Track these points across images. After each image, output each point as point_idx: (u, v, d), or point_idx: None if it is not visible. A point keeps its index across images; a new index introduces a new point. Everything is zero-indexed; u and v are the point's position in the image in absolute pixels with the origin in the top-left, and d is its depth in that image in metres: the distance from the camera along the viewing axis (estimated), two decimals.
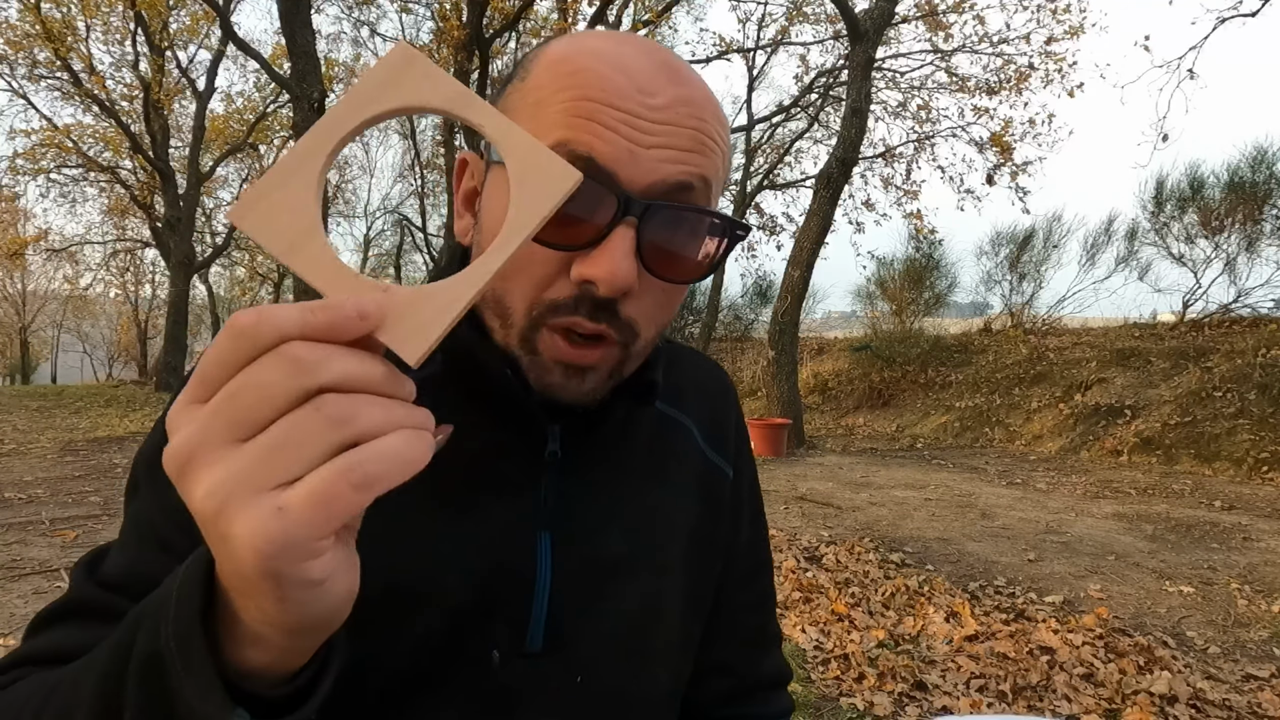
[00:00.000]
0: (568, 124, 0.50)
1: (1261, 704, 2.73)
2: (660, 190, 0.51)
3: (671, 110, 0.51)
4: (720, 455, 0.74)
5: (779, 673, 0.82)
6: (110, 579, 0.53)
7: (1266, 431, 7.63)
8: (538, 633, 0.58)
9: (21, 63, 15.83)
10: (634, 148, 0.49)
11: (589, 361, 0.54)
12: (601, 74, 0.50)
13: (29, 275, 29.79)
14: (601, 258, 0.49)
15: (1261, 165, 10.67)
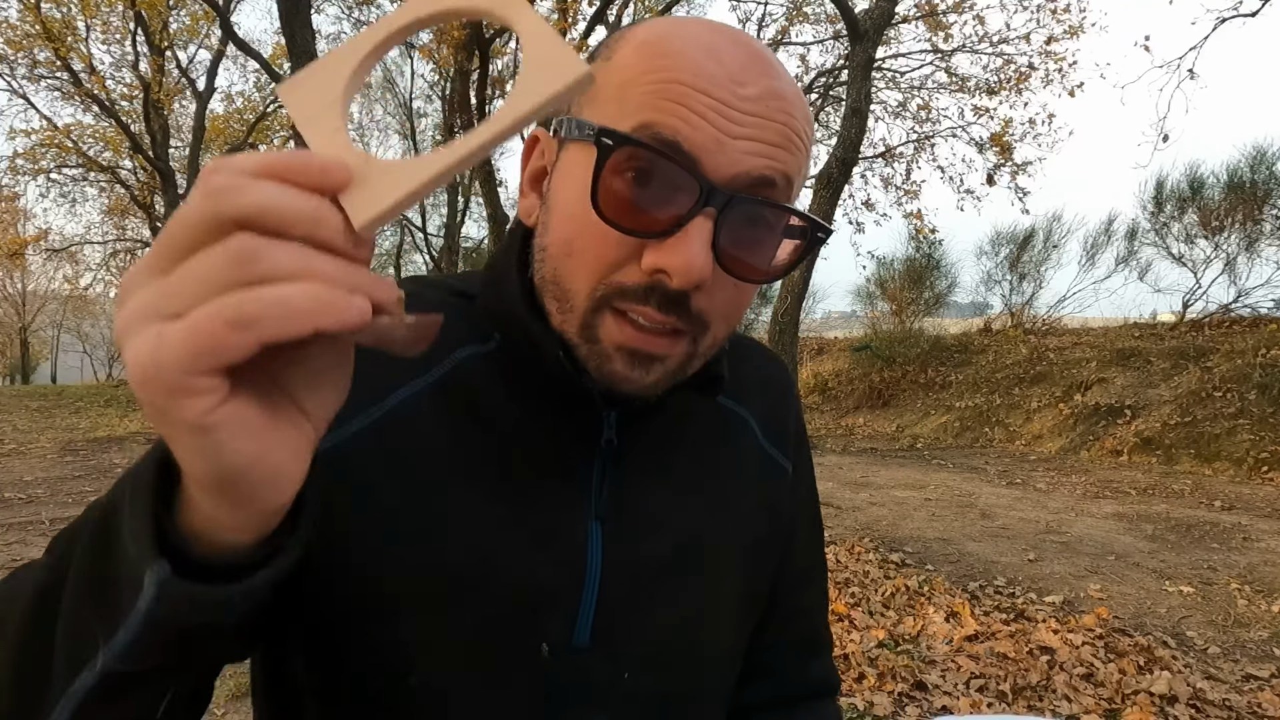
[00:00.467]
0: (655, 105, 0.48)
1: (1261, 704, 2.73)
2: (744, 183, 0.48)
3: (762, 103, 0.49)
4: (780, 451, 0.72)
5: (827, 680, 0.79)
6: None
7: (1266, 431, 7.63)
8: (585, 627, 0.56)
9: (21, 63, 15.83)
10: (721, 136, 0.47)
11: (657, 350, 0.51)
12: (693, 59, 0.48)
13: (29, 275, 29.80)
14: (679, 247, 0.47)
15: (1261, 165, 10.68)
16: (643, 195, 0.48)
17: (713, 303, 0.51)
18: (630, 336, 0.50)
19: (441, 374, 0.56)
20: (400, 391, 0.54)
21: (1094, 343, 11.05)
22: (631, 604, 0.58)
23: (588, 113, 0.51)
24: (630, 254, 0.49)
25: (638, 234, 0.48)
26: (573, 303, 0.51)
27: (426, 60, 14.78)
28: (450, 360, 0.57)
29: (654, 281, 0.48)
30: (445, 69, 13.84)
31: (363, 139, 27.45)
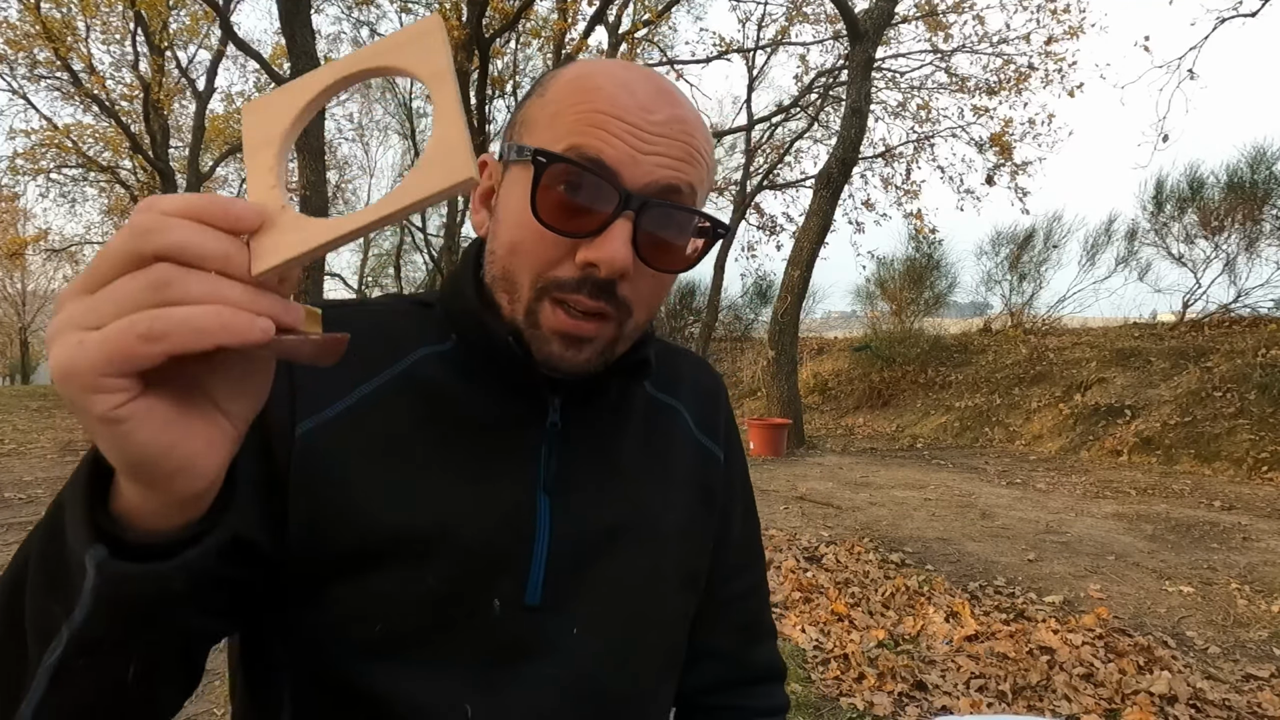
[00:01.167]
0: (580, 130, 0.58)
1: (1261, 704, 2.73)
2: (654, 190, 0.59)
3: (667, 126, 0.59)
4: (711, 440, 0.80)
5: (773, 665, 0.84)
6: None
7: (1266, 431, 7.63)
8: (536, 587, 0.62)
9: (21, 63, 15.83)
10: (635, 153, 0.58)
11: (586, 333, 0.61)
12: (610, 91, 0.59)
13: (29, 275, 29.80)
14: (604, 244, 0.57)
15: (1261, 165, 10.67)
16: (573, 203, 0.58)
17: (636, 291, 0.61)
18: (564, 322, 0.60)
19: (403, 368, 0.64)
20: (365, 386, 0.63)
21: (1094, 343, 11.05)
22: (577, 569, 0.65)
23: (527, 138, 0.62)
24: (565, 252, 0.59)
25: (570, 235, 0.58)
26: (519, 293, 0.61)
27: None
28: (411, 357, 0.65)
29: (585, 274, 0.58)
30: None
31: (362, 139, 27.45)
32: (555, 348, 0.61)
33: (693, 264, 0.63)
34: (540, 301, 0.60)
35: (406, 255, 27.39)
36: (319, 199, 9.68)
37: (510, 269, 0.61)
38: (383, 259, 28.85)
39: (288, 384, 0.59)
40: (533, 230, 0.58)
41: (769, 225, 17.94)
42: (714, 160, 0.66)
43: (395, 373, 0.64)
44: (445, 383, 0.65)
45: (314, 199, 9.59)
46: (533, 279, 0.60)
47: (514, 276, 0.61)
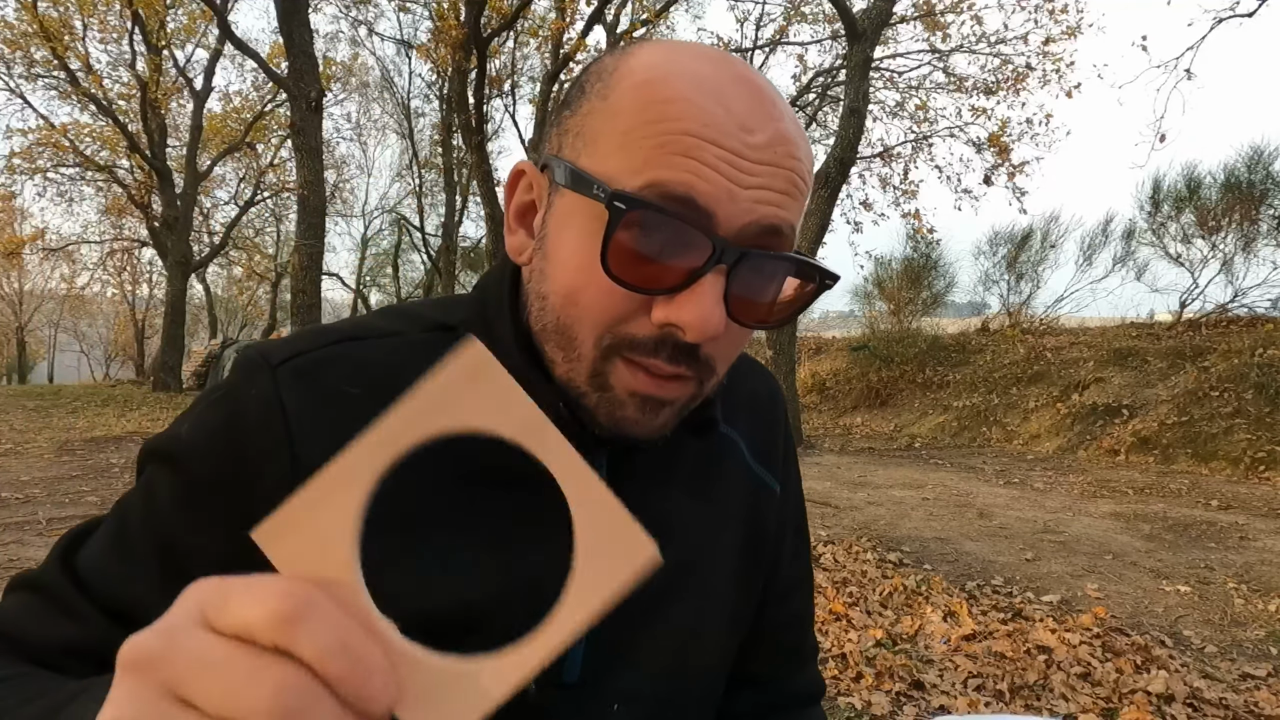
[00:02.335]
0: (665, 161, 0.46)
1: (1258, 703, 2.74)
2: (753, 233, 0.48)
3: (771, 150, 0.48)
4: (768, 470, 0.72)
5: (812, 687, 0.80)
6: (80, 571, 0.54)
7: (1263, 431, 7.65)
8: (574, 665, 0.56)
9: (18, 62, 15.81)
10: (733, 188, 0.47)
11: (668, 395, 0.51)
12: (701, 105, 0.47)
13: (26, 274, 29.75)
14: (691, 303, 0.47)
15: (1258, 165, 10.70)
16: (652, 251, 0.47)
17: (719, 348, 0.51)
18: (644, 383, 0.50)
19: None
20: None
21: (1091, 342, 11.07)
22: (621, 637, 0.58)
23: (586, 158, 0.49)
24: (639, 307, 0.48)
25: (649, 291, 0.48)
26: (580, 351, 0.51)
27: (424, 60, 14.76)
28: None
29: (665, 334, 0.48)
30: (443, 68, 13.82)
31: (360, 138, 27.46)
32: (630, 411, 0.51)
33: (789, 319, 0.53)
34: (609, 361, 0.50)
35: (404, 255, 27.41)
36: (317, 198, 9.68)
37: (567, 322, 0.50)
38: (380, 259, 28.84)
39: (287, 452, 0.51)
40: (599, 280, 0.47)
41: None
42: (812, 183, 0.54)
43: None
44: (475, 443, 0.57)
45: (312, 198, 9.58)
46: (598, 336, 0.50)
47: (571, 330, 0.50)
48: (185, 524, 0.52)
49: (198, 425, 0.54)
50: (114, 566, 0.53)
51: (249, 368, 0.54)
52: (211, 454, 0.52)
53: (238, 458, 0.52)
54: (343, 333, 0.58)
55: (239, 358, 0.56)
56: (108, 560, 0.54)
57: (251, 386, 0.53)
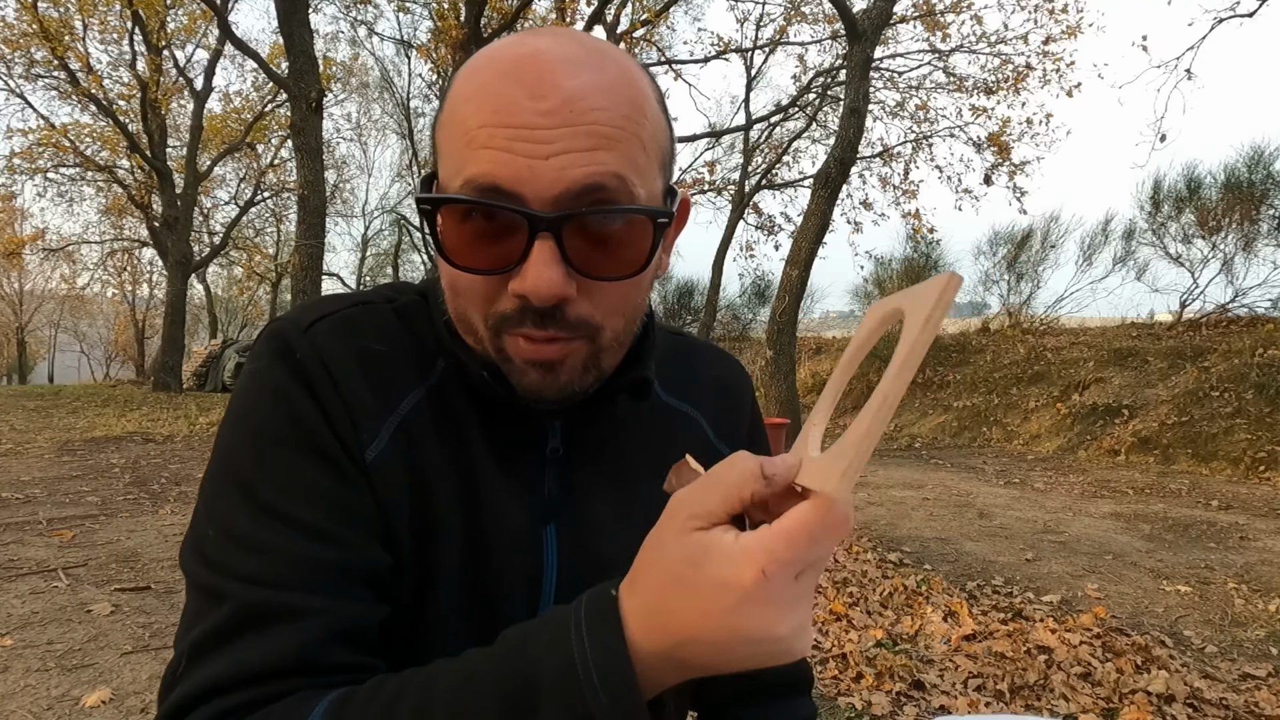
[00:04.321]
0: (471, 156, 0.50)
1: (1259, 703, 2.74)
2: (570, 197, 0.50)
3: (566, 109, 0.49)
4: (730, 446, 0.73)
5: (799, 674, 0.81)
6: (264, 578, 0.51)
7: (1263, 431, 7.65)
8: None
9: (18, 62, 15.81)
10: (534, 162, 0.49)
11: (554, 355, 0.55)
12: (495, 90, 0.50)
13: (26, 275, 29.74)
14: (528, 273, 0.50)
15: (1258, 165, 10.69)
16: (488, 237, 0.52)
17: (593, 306, 0.54)
18: (528, 349, 0.54)
19: (435, 380, 0.61)
20: (406, 400, 0.59)
21: (1091, 342, 11.07)
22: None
23: (440, 171, 0.55)
24: (498, 286, 0.53)
25: (494, 272, 0.52)
26: (478, 333, 0.56)
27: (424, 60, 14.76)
28: (436, 369, 0.62)
29: (523, 305, 0.52)
30: (443, 69, 13.81)
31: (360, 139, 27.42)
32: (532, 377, 0.56)
33: (646, 261, 0.54)
34: (500, 337, 0.55)
35: (405, 255, 27.37)
36: (317, 198, 9.68)
37: (459, 312, 0.57)
38: (380, 259, 28.82)
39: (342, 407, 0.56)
40: (461, 274, 0.54)
41: (767, 225, 17.95)
42: (653, 117, 0.55)
43: (432, 383, 0.61)
44: (463, 405, 0.61)
45: (312, 198, 9.58)
46: (483, 318, 0.55)
47: (467, 317, 0.56)
48: (341, 481, 0.55)
49: (279, 395, 0.55)
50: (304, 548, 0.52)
51: (287, 334, 0.58)
52: (306, 410, 0.55)
53: (320, 408, 0.55)
54: (354, 299, 0.63)
55: (269, 329, 0.59)
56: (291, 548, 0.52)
57: (294, 347, 0.57)
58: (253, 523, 0.52)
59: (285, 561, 0.51)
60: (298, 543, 0.52)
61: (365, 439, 0.56)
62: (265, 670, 0.48)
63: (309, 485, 0.54)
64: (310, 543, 0.52)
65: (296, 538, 0.52)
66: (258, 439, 0.55)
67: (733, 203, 17.45)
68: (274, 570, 0.51)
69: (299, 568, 0.51)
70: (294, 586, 0.50)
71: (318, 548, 0.52)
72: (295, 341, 0.57)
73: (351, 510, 0.54)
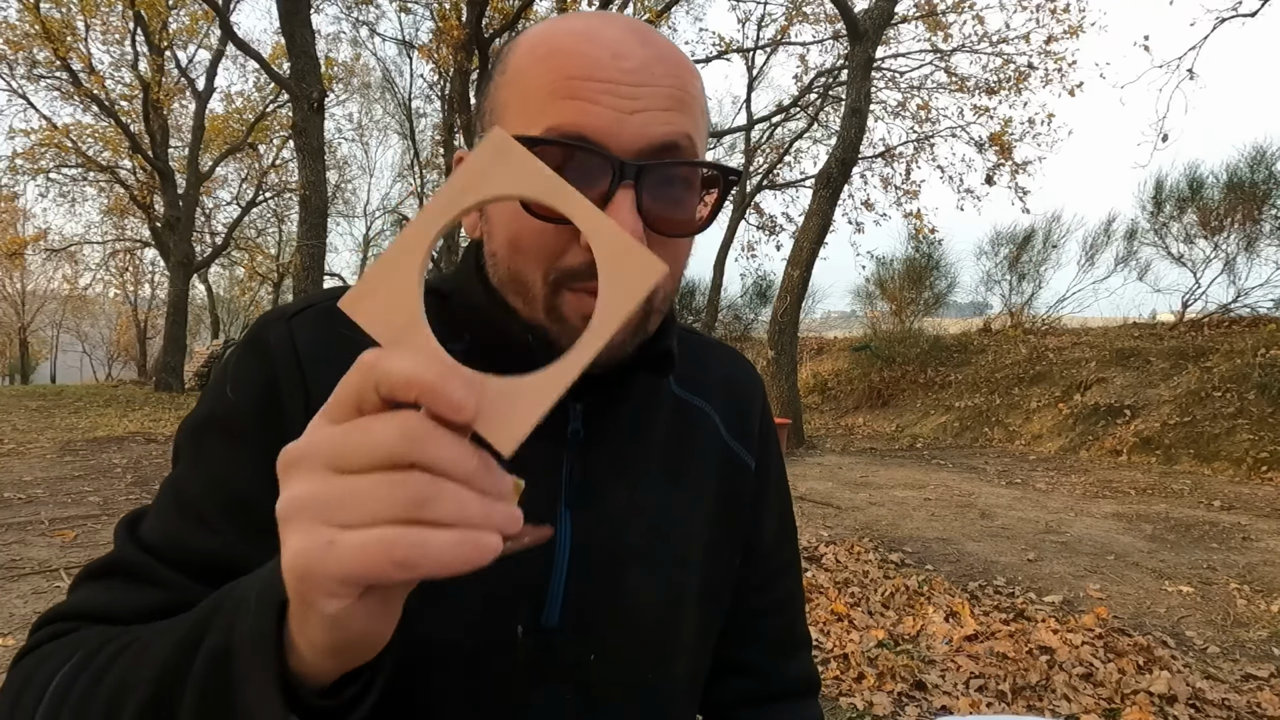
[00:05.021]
0: (555, 107, 0.52)
1: (1261, 704, 2.73)
2: (650, 151, 0.53)
3: (647, 71, 0.53)
4: (743, 445, 0.74)
5: (806, 678, 0.80)
6: (148, 543, 0.56)
7: (1266, 431, 7.63)
8: (555, 609, 0.60)
9: (21, 62, 15.82)
10: (619, 115, 0.52)
11: None
12: (577, 49, 0.53)
13: (28, 275, 29.77)
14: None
15: (1260, 165, 10.67)
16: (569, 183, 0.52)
17: None
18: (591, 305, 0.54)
19: None
20: None
21: (1093, 343, 11.06)
22: (598, 589, 0.62)
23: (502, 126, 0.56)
24: (569, 239, 0.54)
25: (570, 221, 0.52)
26: (532, 291, 0.56)
27: (426, 60, 14.76)
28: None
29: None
30: (445, 69, 13.82)
31: (362, 139, 27.45)
32: None
33: (709, 222, 0.58)
34: (558, 294, 0.55)
35: None
36: (319, 198, 9.68)
37: (516, 268, 0.57)
38: None
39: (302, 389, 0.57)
40: (530, 224, 0.53)
41: (768, 225, 17.96)
42: (705, 99, 0.60)
43: None
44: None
45: (314, 198, 9.58)
46: (544, 272, 0.55)
47: (522, 274, 0.56)
48: (249, 476, 0.56)
49: (234, 382, 0.59)
50: (186, 530, 0.56)
51: (268, 321, 0.61)
52: (252, 399, 0.58)
53: (272, 394, 0.58)
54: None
55: (258, 319, 0.62)
56: (176, 526, 0.57)
57: (270, 335, 0.60)
58: (166, 499, 0.59)
59: (172, 538, 0.56)
60: (186, 525, 0.56)
61: None
62: (102, 613, 0.53)
63: (215, 477, 0.57)
64: (195, 529, 0.56)
65: (187, 521, 0.56)
66: (199, 426, 0.60)
67: (734, 203, 17.44)
68: (162, 542, 0.56)
69: (178, 548, 0.55)
70: (167, 561, 0.55)
71: (200, 536, 0.55)
72: (273, 329, 0.60)
73: (245, 507, 0.55)
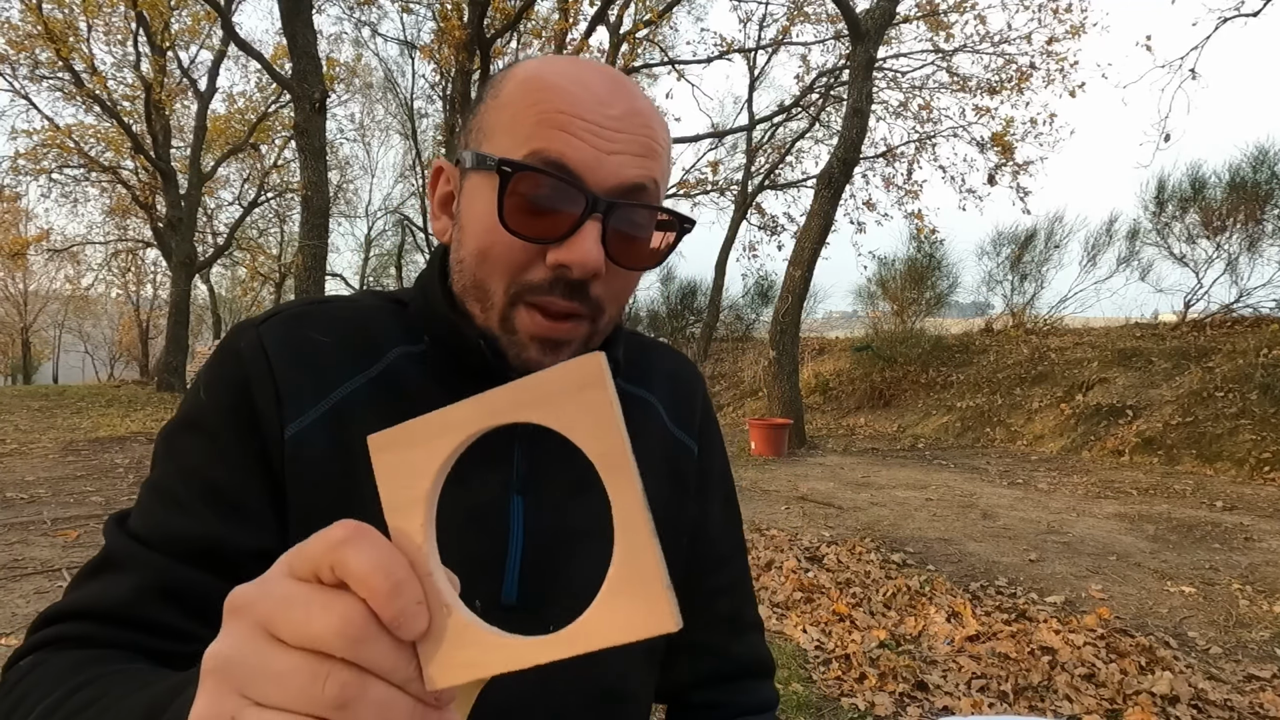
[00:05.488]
0: (542, 133, 0.58)
1: (1263, 704, 2.73)
2: (621, 190, 0.59)
3: (627, 120, 0.59)
4: (685, 432, 0.79)
5: (759, 659, 0.83)
6: (134, 533, 0.60)
7: (1268, 431, 7.62)
8: (511, 587, 0.64)
9: (23, 63, 15.85)
10: (599, 154, 0.58)
11: (562, 334, 0.61)
12: (567, 89, 0.59)
13: (31, 275, 29.82)
14: (575, 246, 0.57)
15: (1263, 165, 10.65)
16: (540, 208, 0.58)
17: (607, 289, 0.62)
18: (541, 325, 0.61)
19: (379, 369, 0.66)
20: (344, 386, 0.64)
21: (1095, 343, 11.04)
22: (551, 567, 0.66)
23: (486, 145, 0.62)
24: (534, 256, 0.59)
25: (540, 240, 0.58)
26: (492, 300, 0.62)
27: (427, 60, 14.77)
28: (386, 358, 0.67)
29: (557, 275, 0.59)
30: (447, 69, 13.83)
31: (364, 139, 27.47)
32: (533, 352, 0.61)
33: (661, 260, 0.64)
34: (514, 307, 0.61)
35: (408, 255, 27.40)
36: (320, 199, 9.69)
37: (481, 277, 0.62)
38: (384, 259, 28.87)
39: (272, 387, 0.62)
40: (502, 237, 0.58)
41: (770, 225, 17.95)
42: (670, 148, 0.66)
43: (373, 373, 0.66)
44: (419, 383, 0.66)
45: (315, 199, 9.59)
46: (505, 285, 0.60)
47: (485, 284, 0.61)
48: (223, 466, 0.61)
49: (207, 385, 0.64)
50: (166, 517, 0.60)
51: (239, 329, 0.66)
52: (224, 399, 0.62)
53: (243, 392, 0.62)
54: (316, 299, 0.71)
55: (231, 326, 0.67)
56: (159, 516, 0.60)
57: (241, 339, 0.64)
58: (147, 496, 0.62)
59: (155, 526, 0.60)
60: (168, 513, 0.60)
61: (288, 416, 0.62)
62: (93, 608, 0.57)
63: (191, 469, 0.61)
64: (176, 515, 0.60)
65: (169, 510, 0.60)
66: (175, 428, 0.64)
67: (735, 203, 17.44)
68: (145, 531, 0.59)
69: (161, 534, 0.59)
70: (153, 546, 0.58)
71: (181, 521, 0.59)
72: (244, 335, 0.64)
73: (220, 493, 0.60)
